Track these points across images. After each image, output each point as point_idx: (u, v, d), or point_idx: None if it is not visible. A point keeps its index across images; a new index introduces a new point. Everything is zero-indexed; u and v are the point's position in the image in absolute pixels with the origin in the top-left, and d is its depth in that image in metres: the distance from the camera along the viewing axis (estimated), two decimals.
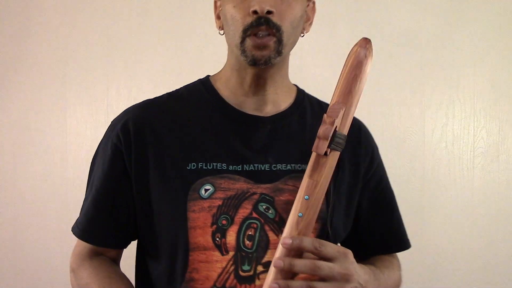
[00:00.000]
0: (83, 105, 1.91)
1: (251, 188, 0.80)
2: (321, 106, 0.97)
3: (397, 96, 1.82)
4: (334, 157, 0.73)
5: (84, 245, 0.89)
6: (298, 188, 0.75)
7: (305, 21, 0.90)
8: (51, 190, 1.92)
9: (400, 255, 1.81)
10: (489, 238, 1.80)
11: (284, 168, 0.82)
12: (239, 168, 0.81)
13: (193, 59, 1.86)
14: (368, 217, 0.92)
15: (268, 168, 0.82)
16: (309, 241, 0.69)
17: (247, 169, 0.81)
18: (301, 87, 1.10)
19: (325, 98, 1.83)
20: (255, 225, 0.78)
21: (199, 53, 1.86)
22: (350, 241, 0.92)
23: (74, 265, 0.90)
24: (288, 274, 0.69)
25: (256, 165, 0.81)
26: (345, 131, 0.75)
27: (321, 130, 0.71)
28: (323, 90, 1.85)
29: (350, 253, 0.73)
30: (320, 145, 0.70)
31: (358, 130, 0.94)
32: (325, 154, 0.73)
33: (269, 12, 0.77)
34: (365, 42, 0.77)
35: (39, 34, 1.92)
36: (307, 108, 0.92)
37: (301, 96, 0.94)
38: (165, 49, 1.88)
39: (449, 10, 1.81)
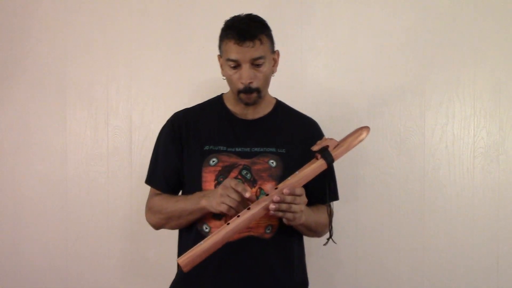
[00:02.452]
0: (83, 105, 1.91)
1: (238, 161, 1.35)
2: (291, 112, 1.49)
3: (397, 96, 1.82)
4: (320, 162, 1.27)
5: (151, 193, 1.46)
6: (265, 161, 1.35)
7: (273, 65, 1.39)
8: (51, 190, 1.92)
9: (401, 254, 1.81)
10: (489, 238, 1.80)
11: (258, 150, 1.37)
12: (232, 149, 1.37)
13: (192, 59, 1.87)
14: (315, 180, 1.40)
15: (248, 150, 1.37)
16: (299, 190, 1.24)
17: (237, 150, 1.37)
18: (301, 87, 1.82)
19: (324, 96, 1.83)
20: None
21: (199, 53, 1.86)
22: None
23: (148, 204, 1.44)
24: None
25: (242, 148, 1.37)
26: (335, 155, 1.28)
27: (318, 141, 1.30)
28: (323, 89, 1.85)
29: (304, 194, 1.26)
30: (313, 147, 1.28)
31: (313, 128, 1.49)
32: (317, 158, 1.27)
33: (250, 82, 1.32)
34: (367, 132, 1.32)
35: (39, 34, 1.92)
36: (279, 114, 1.45)
37: (277, 106, 1.46)
38: (165, 49, 1.88)
39: (449, 10, 1.81)
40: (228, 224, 1.19)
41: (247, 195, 1.20)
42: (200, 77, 1.86)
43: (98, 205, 1.90)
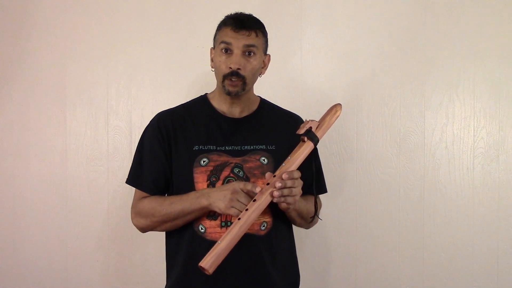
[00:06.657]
0: (83, 105, 1.91)
1: (230, 159, 1.36)
2: (276, 110, 1.51)
3: (397, 96, 1.82)
4: (308, 144, 1.31)
5: (137, 196, 1.42)
6: (256, 159, 1.37)
7: (262, 67, 1.42)
8: (51, 190, 1.92)
9: (400, 254, 1.81)
10: (489, 238, 1.80)
11: (248, 148, 1.38)
12: (222, 148, 1.37)
13: (192, 59, 1.87)
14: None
15: (239, 148, 1.38)
16: (296, 173, 1.27)
17: (227, 149, 1.37)
18: (301, 87, 1.79)
19: (324, 97, 1.83)
20: (231, 180, 1.33)
21: (199, 53, 1.86)
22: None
23: (135, 208, 1.41)
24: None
25: (232, 146, 1.38)
26: (318, 135, 1.33)
27: (301, 125, 1.33)
28: (323, 89, 1.85)
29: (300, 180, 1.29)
30: (299, 131, 1.31)
31: (298, 123, 1.44)
32: (304, 141, 1.30)
33: (238, 68, 1.33)
34: (341, 108, 1.39)
35: (39, 34, 1.92)
36: (264, 112, 1.47)
37: (262, 104, 1.48)
38: (165, 49, 1.89)
39: (449, 10, 1.81)
40: (239, 219, 1.20)
41: (257, 190, 1.22)
42: (200, 77, 1.86)
43: (98, 205, 1.90)
